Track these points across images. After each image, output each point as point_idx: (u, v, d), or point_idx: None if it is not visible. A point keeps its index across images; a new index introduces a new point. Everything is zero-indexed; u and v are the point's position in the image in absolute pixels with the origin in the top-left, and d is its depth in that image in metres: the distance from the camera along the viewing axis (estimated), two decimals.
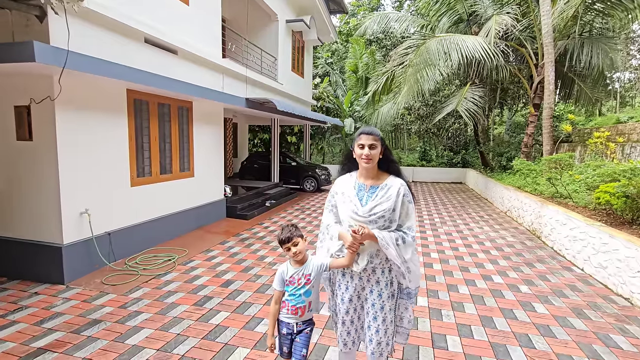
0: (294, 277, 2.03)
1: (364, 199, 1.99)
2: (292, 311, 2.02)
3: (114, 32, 4.46)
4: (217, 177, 7.32)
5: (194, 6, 6.01)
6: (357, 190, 2.03)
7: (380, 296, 1.99)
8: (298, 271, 2.04)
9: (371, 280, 2.01)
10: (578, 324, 3.32)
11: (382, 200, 1.94)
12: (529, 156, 10.11)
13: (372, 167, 1.99)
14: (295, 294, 2.03)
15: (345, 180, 2.11)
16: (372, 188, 2.01)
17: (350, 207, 1.98)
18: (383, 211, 1.92)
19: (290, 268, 2.06)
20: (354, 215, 1.95)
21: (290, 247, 2.01)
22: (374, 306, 1.99)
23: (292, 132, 15.17)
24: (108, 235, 4.62)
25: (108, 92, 4.57)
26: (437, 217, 8.28)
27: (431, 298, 3.85)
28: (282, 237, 2.02)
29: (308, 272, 2.04)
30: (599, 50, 8.86)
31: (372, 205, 1.94)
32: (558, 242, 5.59)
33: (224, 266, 4.73)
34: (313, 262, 2.07)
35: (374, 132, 1.95)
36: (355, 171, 2.12)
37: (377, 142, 1.94)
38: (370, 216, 1.93)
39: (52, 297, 3.70)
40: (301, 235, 2.04)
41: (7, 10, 3.60)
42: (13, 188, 4.10)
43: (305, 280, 2.03)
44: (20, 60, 3.20)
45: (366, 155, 1.93)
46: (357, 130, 2.01)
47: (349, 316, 2.05)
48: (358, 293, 2.04)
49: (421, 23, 12.47)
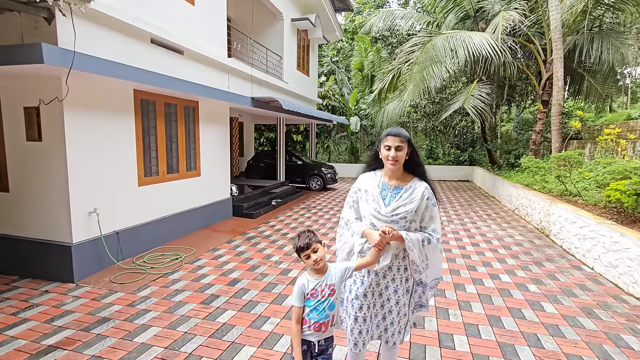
0: (317, 290, 1.84)
1: (387, 199, 1.99)
2: (315, 328, 1.82)
3: (120, 33, 4.50)
4: (223, 176, 7.36)
5: (199, 6, 6.04)
6: (381, 189, 2.02)
7: (396, 292, 2.01)
8: (320, 282, 1.85)
9: (387, 277, 2.01)
10: (588, 324, 3.28)
11: (406, 202, 1.95)
12: (538, 154, 9.99)
13: (397, 168, 1.97)
14: (318, 308, 1.82)
15: (370, 178, 2.10)
16: (396, 189, 2.00)
17: (372, 206, 1.98)
18: (405, 212, 1.93)
19: (310, 280, 1.86)
20: (376, 213, 1.96)
21: (310, 254, 1.83)
22: (390, 301, 2.02)
23: (297, 131, 15.18)
24: (116, 234, 4.67)
25: (115, 93, 4.61)
26: (444, 215, 8.22)
27: (438, 297, 3.83)
28: (300, 244, 1.83)
29: (331, 281, 1.87)
30: (609, 46, 8.70)
31: (395, 206, 1.95)
32: (567, 240, 5.51)
33: (231, 265, 4.76)
34: (335, 268, 1.92)
35: (401, 134, 1.92)
36: (379, 170, 2.10)
37: (404, 144, 1.92)
38: (392, 216, 1.93)
39: (62, 295, 3.75)
40: (320, 241, 1.87)
41: (16, 13, 3.66)
42: (23, 188, 4.17)
43: (329, 292, 1.85)
44: (29, 62, 3.24)
45: (392, 157, 1.91)
46: (385, 131, 1.98)
47: (362, 313, 2.02)
48: (373, 289, 2.03)
49: (427, 20, 12.37)
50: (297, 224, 7.14)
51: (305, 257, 1.85)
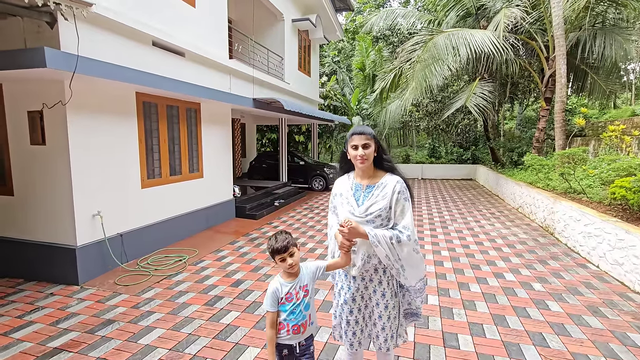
0: (291, 293, 1.82)
1: (360, 199, 1.96)
2: (294, 331, 1.81)
3: (122, 36, 4.52)
4: (226, 177, 7.38)
5: (200, 8, 6.06)
6: (354, 190, 2.00)
7: (384, 295, 1.96)
8: (294, 285, 1.84)
9: (374, 280, 1.98)
10: (594, 322, 3.25)
11: (378, 198, 1.91)
12: (541, 151, 9.92)
13: (367, 166, 1.95)
14: (295, 311, 1.81)
15: (343, 181, 2.08)
16: (368, 187, 1.97)
17: (347, 209, 1.96)
18: (379, 210, 1.88)
19: (284, 283, 1.84)
20: (351, 216, 1.93)
21: (286, 257, 1.79)
22: (379, 305, 1.97)
23: (299, 131, 15.19)
24: (120, 236, 4.69)
25: (118, 96, 4.64)
26: (447, 214, 8.19)
27: (442, 296, 3.81)
28: (278, 246, 1.78)
29: (304, 282, 1.86)
30: (613, 41, 8.63)
31: (368, 204, 1.91)
32: (572, 238, 5.47)
33: (234, 266, 4.76)
34: (307, 268, 1.91)
35: (366, 131, 1.91)
36: (352, 171, 2.09)
37: (371, 141, 1.90)
38: (366, 216, 1.90)
39: (67, 298, 3.78)
40: (295, 244, 1.85)
41: (19, 18, 3.68)
42: (28, 192, 4.19)
43: (303, 293, 1.85)
44: (32, 66, 3.26)
45: (360, 155, 1.88)
46: (349, 131, 1.95)
47: (354, 316, 2.02)
48: (362, 293, 2.01)
49: (428, 18, 12.34)
50: (300, 225, 7.14)
51: (280, 260, 1.80)
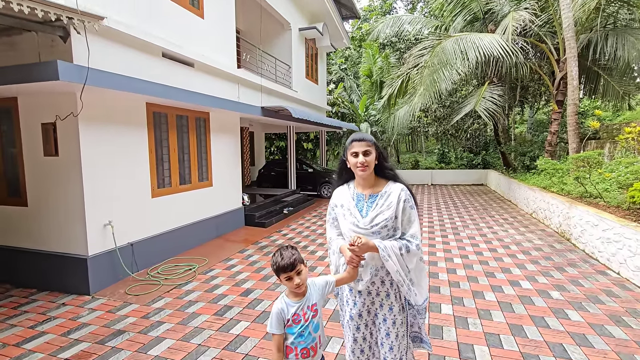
0: (299, 314, 1.63)
1: (364, 210, 1.88)
2: (304, 355, 1.62)
3: (133, 48, 4.60)
4: (235, 185, 7.40)
5: (209, 20, 6.15)
6: (356, 201, 1.92)
7: (391, 310, 1.87)
8: (301, 305, 1.64)
9: (381, 293, 1.90)
10: (617, 332, 3.11)
11: (383, 208, 1.83)
12: (554, 155, 9.73)
13: (368, 175, 1.87)
14: (303, 334, 1.62)
15: (343, 191, 1.99)
16: (371, 197, 1.89)
17: (350, 220, 1.88)
18: (385, 220, 1.81)
19: (290, 303, 1.64)
20: (355, 227, 1.85)
21: (293, 276, 1.60)
22: (386, 322, 1.88)
23: (308, 139, 15.22)
24: (130, 245, 4.72)
25: (128, 106, 4.70)
26: (458, 220, 8.05)
27: (456, 305, 3.71)
28: (283, 264, 1.58)
29: (312, 301, 1.67)
30: (625, 42, 8.45)
31: (373, 215, 1.83)
32: (590, 244, 5.30)
33: (244, 275, 4.73)
34: (315, 285, 1.72)
35: (366, 138, 1.84)
36: (352, 181, 2.01)
37: (371, 148, 1.83)
38: (372, 227, 1.82)
39: (78, 308, 3.79)
40: (303, 261, 1.65)
41: (33, 33, 3.78)
42: (41, 202, 4.26)
43: (312, 313, 1.65)
44: (45, 79, 3.33)
45: (361, 163, 1.81)
46: (349, 138, 1.90)
47: (361, 333, 1.94)
48: (368, 308, 1.93)
49: (435, 24, 12.32)
50: (309, 232, 7.09)
51: (285, 279, 1.61)
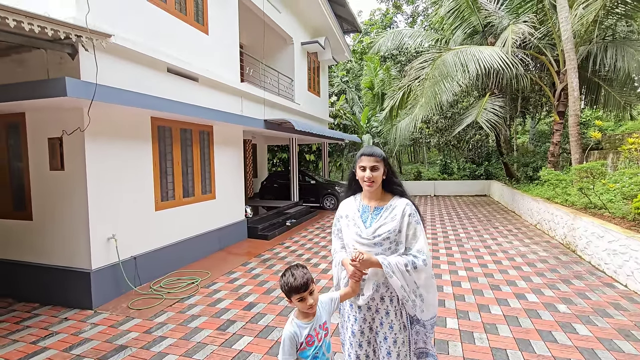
0: (312, 335, 1.58)
1: (368, 221, 1.90)
2: None
3: (139, 63, 4.69)
4: (238, 198, 7.42)
5: (213, 35, 6.28)
6: (362, 212, 1.94)
7: (392, 328, 1.84)
8: (312, 325, 1.59)
9: (380, 311, 1.87)
10: (627, 347, 3.05)
11: (387, 220, 1.85)
12: (557, 166, 9.71)
13: (375, 189, 1.89)
14: (317, 355, 1.58)
15: (350, 203, 2.03)
16: (376, 209, 1.92)
17: (354, 230, 1.90)
18: (388, 232, 1.82)
19: (302, 326, 1.59)
20: (358, 238, 1.87)
21: (307, 296, 1.55)
22: (387, 340, 1.85)
23: (310, 151, 15.30)
24: (134, 259, 4.71)
25: (133, 121, 4.77)
26: (462, 232, 8.00)
27: (461, 320, 3.66)
28: (297, 284, 1.52)
29: (323, 320, 1.65)
30: (624, 53, 8.53)
31: (376, 226, 1.85)
32: (596, 256, 5.25)
33: (247, 288, 4.71)
34: (322, 304, 1.70)
35: (375, 153, 1.86)
36: (359, 193, 2.03)
37: (379, 163, 1.85)
38: (374, 238, 1.83)
39: (80, 323, 3.77)
40: (313, 279, 1.62)
41: (42, 50, 3.87)
42: (46, 216, 4.28)
43: (324, 332, 1.63)
44: (53, 95, 3.39)
45: (368, 177, 1.84)
46: (359, 151, 1.92)
47: (363, 350, 1.90)
48: (369, 325, 1.90)
49: (435, 37, 12.50)
50: (312, 244, 7.06)
51: (298, 300, 1.55)
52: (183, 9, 5.56)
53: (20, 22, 2.94)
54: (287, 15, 9.57)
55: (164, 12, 5.11)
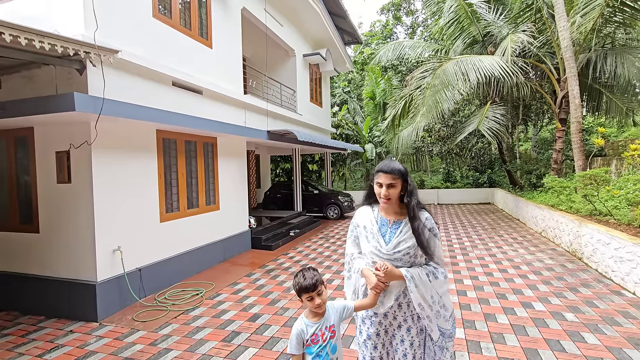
0: (317, 335, 1.70)
1: (387, 236, 1.89)
2: None
3: (144, 78, 4.79)
4: (241, 209, 7.44)
5: (217, 49, 6.40)
6: (380, 225, 1.93)
7: (409, 331, 1.87)
8: (319, 325, 1.72)
9: (398, 316, 1.89)
10: (637, 356, 3.01)
11: (407, 237, 1.84)
12: (560, 172, 9.69)
13: (391, 205, 1.89)
14: (321, 354, 1.68)
15: (367, 213, 2.00)
16: (395, 223, 1.90)
17: (373, 244, 1.89)
18: (408, 248, 1.83)
19: (309, 324, 1.72)
20: (378, 252, 1.87)
21: (315, 296, 1.68)
22: (403, 342, 1.88)
23: (313, 161, 15.36)
24: (139, 271, 4.73)
25: (139, 134, 4.85)
26: (467, 240, 7.96)
27: (468, 329, 3.63)
28: (306, 284, 1.67)
29: (331, 323, 1.75)
30: (624, 60, 8.59)
31: (396, 242, 1.85)
32: (602, 263, 5.20)
33: (251, 299, 4.70)
34: (333, 307, 1.79)
35: (393, 171, 1.83)
36: (376, 204, 2.01)
37: (397, 181, 1.83)
38: (394, 254, 1.84)
39: (86, 335, 3.77)
40: (323, 282, 1.76)
41: (52, 66, 3.98)
42: (53, 229, 4.33)
43: (330, 334, 1.72)
44: (62, 110, 3.47)
45: (384, 195, 1.84)
46: (377, 166, 1.91)
47: (378, 352, 1.92)
48: (385, 328, 1.93)
49: (435, 48, 12.65)
50: (316, 254, 7.05)
51: (307, 299, 1.71)
52: (188, 24, 5.69)
53: (32, 40, 3.04)
54: (289, 28, 9.76)
55: (170, 27, 5.23)
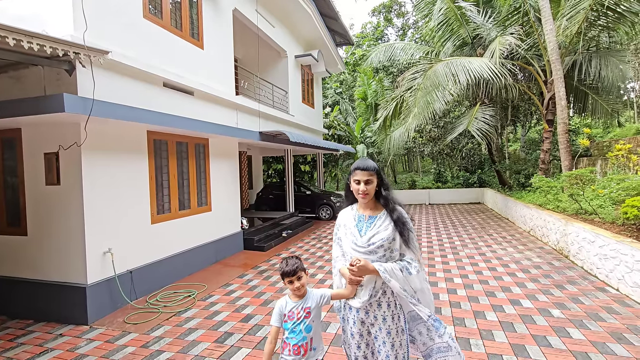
0: (293, 312, 1.98)
1: (363, 230, 2.00)
2: (294, 351, 1.93)
3: (135, 79, 4.77)
4: (234, 210, 7.43)
5: (208, 50, 6.39)
6: (357, 221, 2.05)
7: (389, 333, 1.92)
8: (297, 305, 2.00)
9: (378, 316, 1.94)
10: (619, 350, 3.11)
11: (381, 229, 1.95)
12: (548, 172, 9.89)
13: (368, 200, 2.02)
14: (295, 330, 1.95)
15: (347, 213, 2.14)
16: (370, 218, 2.02)
17: (350, 239, 2.01)
18: (382, 240, 1.92)
19: (289, 302, 2.02)
20: (354, 246, 1.97)
21: (294, 280, 1.98)
22: (385, 344, 1.92)
23: (305, 161, 15.37)
24: (130, 273, 4.69)
25: (130, 135, 4.81)
26: (457, 239, 8.07)
27: (457, 326, 3.70)
28: (287, 270, 1.98)
29: (308, 305, 2.00)
30: (608, 63, 8.83)
31: (371, 234, 1.95)
32: (588, 261, 5.33)
33: (244, 300, 4.70)
34: (313, 293, 2.04)
35: (369, 168, 1.96)
36: (356, 203, 2.14)
37: (373, 177, 1.96)
38: (369, 246, 1.93)
39: (76, 339, 3.73)
40: (304, 269, 2.03)
41: (40, 67, 3.93)
42: (41, 231, 4.27)
43: (304, 314, 1.97)
44: (51, 111, 3.44)
45: (362, 191, 1.96)
46: (353, 164, 2.05)
47: (361, 351, 2.00)
48: (368, 328, 1.99)
49: (426, 50, 12.79)
50: (308, 255, 7.07)
51: (288, 282, 2.00)
52: (179, 25, 5.67)
53: (20, 40, 3.01)
54: (280, 29, 9.77)
55: (160, 28, 5.21)
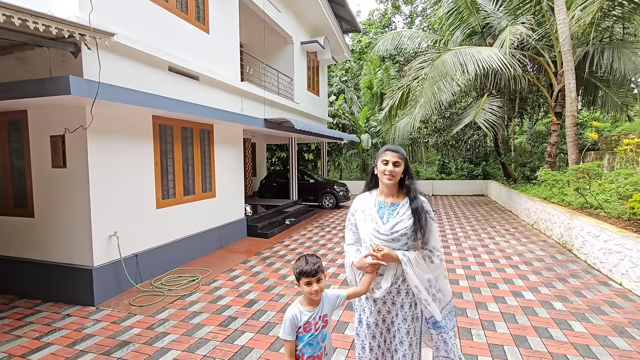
0: (310, 323, 1.71)
1: (385, 217, 1.94)
2: None
3: (141, 62, 4.72)
4: (237, 196, 7.45)
5: (214, 34, 6.31)
6: (378, 207, 1.99)
7: (405, 320, 1.93)
8: (313, 314, 1.73)
9: (396, 303, 1.94)
10: (621, 344, 3.12)
11: (404, 217, 1.90)
12: (554, 166, 9.80)
13: (393, 184, 1.95)
14: (312, 342, 1.70)
15: (365, 198, 2.07)
16: (392, 205, 1.97)
17: (371, 225, 1.94)
18: (405, 229, 1.87)
19: (303, 312, 1.72)
20: (376, 233, 1.91)
21: (313, 282, 1.70)
22: (400, 331, 1.93)
23: (309, 150, 15.34)
24: (135, 256, 4.74)
25: (135, 119, 4.80)
26: (460, 231, 8.07)
27: (460, 316, 3.72)
28: (307, 269, 1.68)
29: (324, 312, 1.76)
30: (620, 55, 8.62)
31: (394, 222, 1.90)
32: (591, 255, 5.33)
33: (247, 286, 4.75)
34: (327, 297, 1.81)
35: (399, 151, 1.94)
36: (375, 189, 2.08)
37: (401, 161, 1.93)
38: (392, 234, 1.88)
39: (83, 319, 3.80)
40: (324, 270, 1.76)
41: (45, 48, 3.90)
42: (48, 214, 4.31)
43: (322, 324, 1.74)
44: (57, 93, 3.42)
45: (389, 171, 1.91)
46: (383, 147, 2.01)
47: (376, 341, 1.98)
48: (383, 317, 1.98)
49: (434, 38, 12.57)
50: (311, 243, 7.11)
51: (305, 283, 1.70)
52: (184, 8, 5.58)
53: (25, 20, 2.97)
54: (287, 14, 9.61)
55: (166, 11, 5.13)
